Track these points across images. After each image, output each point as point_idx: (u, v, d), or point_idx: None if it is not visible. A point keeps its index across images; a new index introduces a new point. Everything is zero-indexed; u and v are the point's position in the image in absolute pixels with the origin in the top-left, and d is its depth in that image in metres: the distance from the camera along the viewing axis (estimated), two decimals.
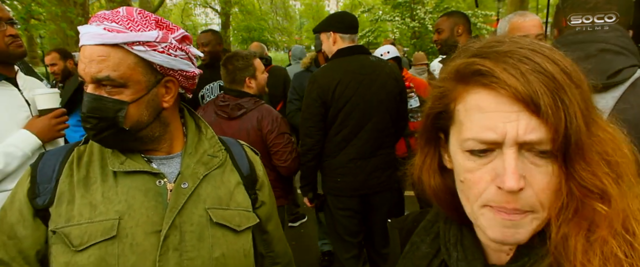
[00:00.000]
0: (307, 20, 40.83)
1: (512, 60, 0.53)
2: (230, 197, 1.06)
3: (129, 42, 0.89)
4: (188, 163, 1.02)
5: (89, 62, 0.88)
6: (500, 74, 0.52)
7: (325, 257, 3.63)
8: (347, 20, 2.53)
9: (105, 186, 0.95)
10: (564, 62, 0.54)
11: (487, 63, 0.54)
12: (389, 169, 2.52)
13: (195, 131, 1.10)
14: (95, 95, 0.90)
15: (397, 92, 2.47)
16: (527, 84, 0.51)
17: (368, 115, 2.40)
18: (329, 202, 2.62)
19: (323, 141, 2.48)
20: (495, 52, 0.55)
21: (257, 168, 1.18)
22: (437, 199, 0.69)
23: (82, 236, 0.89)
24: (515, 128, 0.52)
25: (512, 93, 0.51)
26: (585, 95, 0.53)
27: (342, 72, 2.38)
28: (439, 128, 0.64)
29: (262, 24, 22.70)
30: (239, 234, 1.04)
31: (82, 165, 0.97)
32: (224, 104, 2.43)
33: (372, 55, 2.57)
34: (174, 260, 0.94)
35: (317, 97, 2.39)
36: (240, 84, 2.44)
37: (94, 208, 0.92)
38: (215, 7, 23.31)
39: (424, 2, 15.46)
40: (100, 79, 0.89)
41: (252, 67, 2.44)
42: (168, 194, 0.98)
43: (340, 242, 2.66)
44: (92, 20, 0.91)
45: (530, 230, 0.56)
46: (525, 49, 0.54)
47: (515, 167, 0.52)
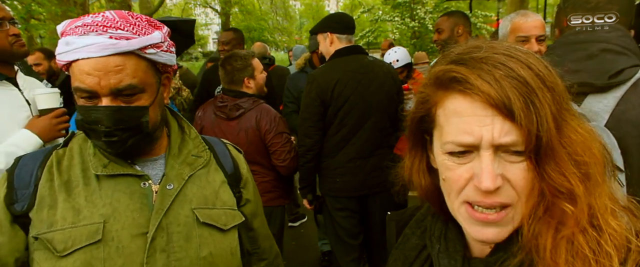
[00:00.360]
0: (307, 20, 40.83)
1: (487, 67, 0.56)
2: (215, 197, 1.06)
3: (142, 47, 0.89)
4: (172, 164, 1.03)
5: (105, 74, 0.86)
6: (474, 81, 0.56)
7: (325, 257, 3.62)
8: (344, 21, 2.53)
9: (88, 190, 0.93)
10: (538, 66, 0.57)
11: (463, 70, 0.57)
12: (388, 168, 2.51)
13: (178, 132, 1.10)
14: (116, 107, 0.89)
15: (395, 91, 2.48)
16: (500, 90, 0.54)
17: (367, 114, 2.40)
18: (327, 204, 2.60)
19: (322, 141, 2.47)
20: (472, 58, 0.58)
21: (241, 166, 1.19)
22: (427, 197, 0.73)
23: (66, 241, 0.88)
24: (490, 132, 0.55)
25: (485, 99, 0.55)
26: (558, 98, 0.56)
27: (341, 72, 2.39)
28: (424, 131, 0.68)
29: (262, 24, 22.71)
30: (226, 233, 1.05)
31: (63, 169, 0.96)
32: (223, 105, 2.43)
33: (369, 55, 2.57)
34: (162, 261, 0.94)
35: (316, 97, 2.39)
36: (239, 84, 2.43)
37: (77, 212, 0.91)
38: (215, 7, 23.31)
39: (424, 2, 15.45)
40: (123, 88, 0.88)
41: (250, 67, 2.44)
42: (153, 196, 0.98)
43: (340, 245, 2.64)
44: (85, 31, 0.86)
45: (513, 227, 0.59)
46: (500, 55, 0.57)
47: (491, 168, 0.56)
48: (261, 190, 2.44)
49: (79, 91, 0.89)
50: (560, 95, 0.57)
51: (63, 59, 0.88)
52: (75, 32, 0.87)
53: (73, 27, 0.88)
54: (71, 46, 0.86)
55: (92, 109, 0.89)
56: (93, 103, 0.90)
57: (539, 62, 0.57)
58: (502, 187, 0.57)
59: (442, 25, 2.92)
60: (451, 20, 2.90)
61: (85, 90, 0.88)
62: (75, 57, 0.86)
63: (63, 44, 0.88)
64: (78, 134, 1.02)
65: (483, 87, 0.55)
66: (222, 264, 1.03)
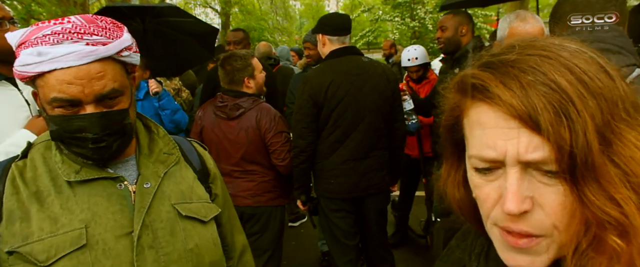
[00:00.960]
0: (307, 20, 40.78)
1: (515, 71, 0.49)
2: (191, 191, 1.09)
3: (119, 51, 0.90)
4: (146, 163, 1.04)
5: (89, 82, 0.86)
6: (494, 89, 0.49)
7: (325, 257, 3.62)
8: (334, 22, 2.51)
9: (62, 198, 0.92)
10: (585, 68, 0.48)
11: (485, 76, 0.51)
12: (383, 170, 2.51)
13: (145, 132, 1.11)
14: (102, 113, 0.90)
15: (389, 93, 2.46)
16: (524, 99, 0.46)
17: (361, 115, 2.40)
18: (322, 205, 2.60)
19: (315, 143, 2.46)
20: (500, 61, 0.51)
21: (208, 162, 1.22)
22: (462, 212, 0.65)
23: (49, 250, 0.87)
24: (516, 146, 0.48)
25: (507, 109, 0.47)
26: (610, 106, 0.47)
27: (334, 73, 2.39)
28: (457, 140, 0.61)
29: (262, 24, 22.66)
30: (206, 224, 1.08)
31: (28, 180, 0.93)
32: (223, 105, 2.43)
33: (364, 56, 2.56)
34: (151, 257, 0.95)
35: (309, 98, 2.39)
36: (239, 84, 2.43)
37: (54, 221, 0.89)
38: (215, 7, 23.30)
39: (424, 2, 15.45)
40: (107, 93, 0.89)
41: (250, 67, 2.43)
42: (131, 196, 0.98)
43: (336, 245, 2.64)
44: (59, 39, 0.84)
45: (549, 257, 0.51)
46: (535, 56, 0.49)
47: (516, 188, 0.48)
48: (261, 190, 2.46)
49: (57, 101, 0.86)
50: (613, 103, 0.47)
51: (34, 71, 0.85)
52: (46, 41, 0.84)
53: (41, 35, 0.84)
54: (46, 56, 0.83)
55: (74, 118, 0.88)
56: (73, 112, 0.89)
57: (588, 63, 0.48)
58: (532, 213, 0.48)
59: (447, 23, 2.91)
60: (456, 19, 2.89)
61: (67, 100, 0.86)
62: (52, 67, 0.84)
63: (33, 55, 0.84)
64: (37, 144, 1.00)
65: (504, 95, 0.47)
66: (207, 254, 1.05)
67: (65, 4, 9.67)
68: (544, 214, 0.48)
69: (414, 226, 4.05)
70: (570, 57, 0.49)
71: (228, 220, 1.25)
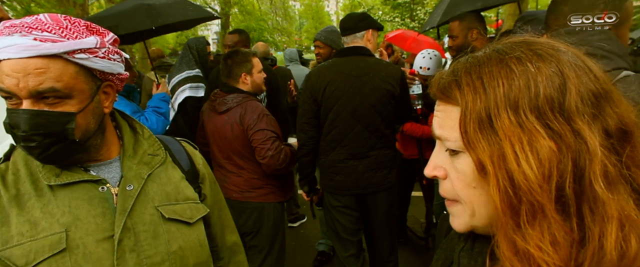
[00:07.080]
0: (307, 20, 40.84)
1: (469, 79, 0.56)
2: (177, 192, 1.07)
3: (70, 51, 0.85)
4: (129, 165, 1.02)
5: (24, 77, 0.83)
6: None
7: (318, 257, 3.64)
8: (342, 22, 2.58)
9: (42, 201, 0.91)
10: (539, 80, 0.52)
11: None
12: (384, 169, 2.52)
13: (130, 133, 1.09)
14: (36, 111, 0.85)
15: (390, 96, 2.43)
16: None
17: (357, 117, 2.40)
18: (325, 199, 2.65)
19: (317, 138, 2.53)
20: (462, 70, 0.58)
21: (197, 162, 1.20)
22: None
23: (27, 255, 0.85)
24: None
25: None
26: (527, 114, 0.50)
27: (334, 73, 2.42)
28: None
29: (261, 25, 22.67)
30: (192, 225, 1.07)
31: (9, 183, 0.92)
32: (214, 99, 2.52)
33: (372, 56, 2.53)
34: (133, 261, 0.94)
35: (309, 95, 2.46)
36: (236, 79, 2.49)
37: (34, 225, 0.88)
38: (215, 7, 23.31)
39: (423, 3, 15.46)
40: (43, 91, 0.84)
41: (249, 64, 2.48)
42: (114, 199, 0.97)
43: (338, 240, 2.67)
44: (11, 31, 0.83)
45: (463, 221, 0.59)
46: (493, 61, 0.55)
47: (434, 157, 0.61)
48: (250, 186, 2.48)
49: (1, 91, 0.86)
50: (514, 100, 0.50)
51: None
52: (2, 32, 0.84)
53: (1, 27, 0.85)
54: None
55: (13, 112, 0.86)
56: (15, 106, 0.86)
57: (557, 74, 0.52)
58: (445, 181, 0.59)
59: (455, 30, 2.72)
60: (463, 24, 2.69)
61: (4, 90, 0.85)
62: (1, 56, 0.84)
63: None
64: (20, 146, 0.99)
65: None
66: (192, 256, 1.05)
67: (65, 5, 9.67)
68: (450, 183, 0.59)
69: (414, 226, 4.05)
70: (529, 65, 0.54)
71: (218, 220, 1.24)
